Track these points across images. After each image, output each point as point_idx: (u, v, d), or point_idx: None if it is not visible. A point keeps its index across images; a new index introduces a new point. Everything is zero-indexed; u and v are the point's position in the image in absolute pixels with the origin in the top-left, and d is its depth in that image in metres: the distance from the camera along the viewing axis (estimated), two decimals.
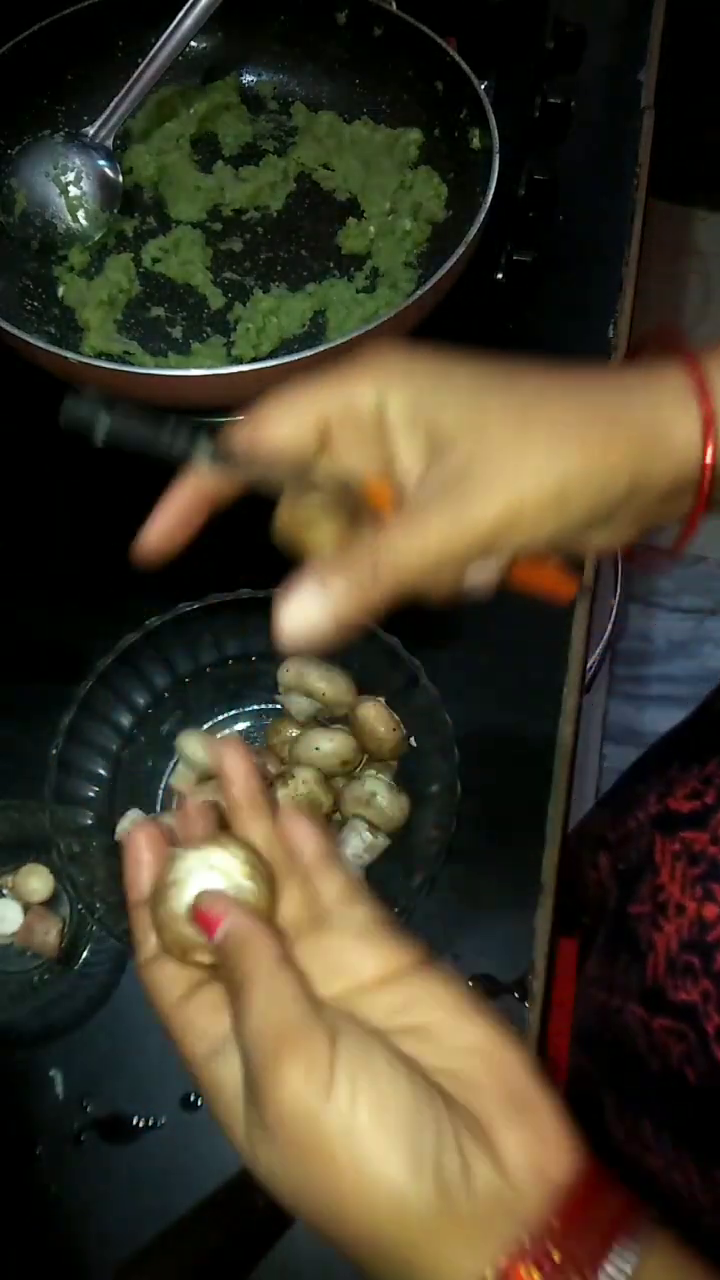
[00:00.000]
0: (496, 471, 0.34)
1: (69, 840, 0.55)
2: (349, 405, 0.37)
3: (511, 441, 0.35)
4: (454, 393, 0.36)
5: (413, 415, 0.36)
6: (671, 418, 0.35)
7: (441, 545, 0.35)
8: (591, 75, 0.92)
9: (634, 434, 0.35)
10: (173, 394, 0.59)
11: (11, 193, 0.69)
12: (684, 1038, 0.50)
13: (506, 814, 0.63)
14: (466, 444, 0.35)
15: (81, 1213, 0.54)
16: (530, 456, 0.35)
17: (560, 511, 0.35)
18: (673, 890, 0.53)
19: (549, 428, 0.35)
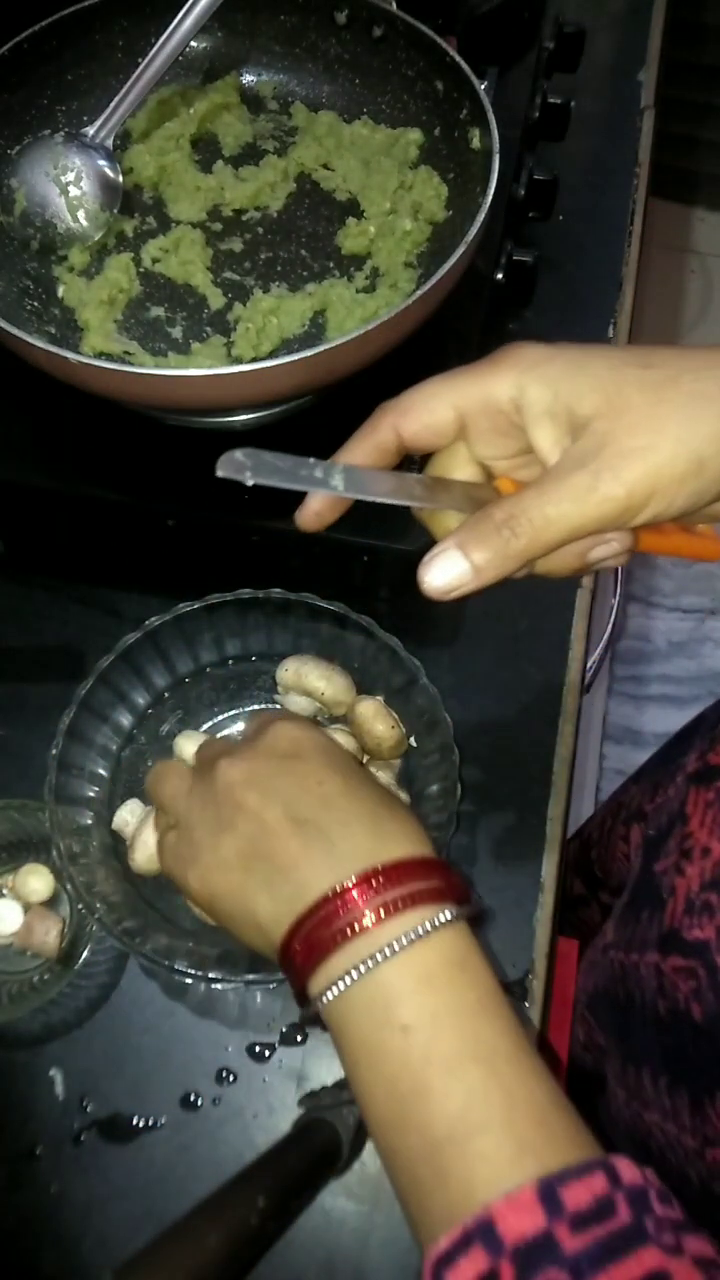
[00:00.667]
0: (633, 443, 0.36)
1: (69, 840, 0.55)
2: (487, 397, 0.38)
3: (648, 415, 0.36)
4: (591, 379, 0.37)
5: (551, 404, 0.38)
6: None
7: (577, 513, 0.36)
8: (591, 75, 0.92)
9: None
10: (173, 394, 0.59)
11: (11, 193, 0.69)
12: (694, 974, 0.51)
13: (506, 814, 0.63)
14: (604, 423, 0.36)
15: (81, 1213, 0.54)
16: (667, 428, 0.36)
17: (697, 478, 0.36)
18: (700, 835, 0.54)
19: (685, 400, 0.36)
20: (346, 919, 0.40)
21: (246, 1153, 0.54)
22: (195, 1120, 0.56)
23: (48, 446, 0.69)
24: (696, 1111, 0.49)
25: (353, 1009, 0.40)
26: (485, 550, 0.37)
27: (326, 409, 0.67)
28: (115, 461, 0.68)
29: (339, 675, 0.60)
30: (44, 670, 0.68)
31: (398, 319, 0.57)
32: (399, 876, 0.41)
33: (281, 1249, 0.52)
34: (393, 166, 0.73)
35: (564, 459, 0.37)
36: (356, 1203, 0.54)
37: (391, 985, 0.39)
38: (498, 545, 0.37)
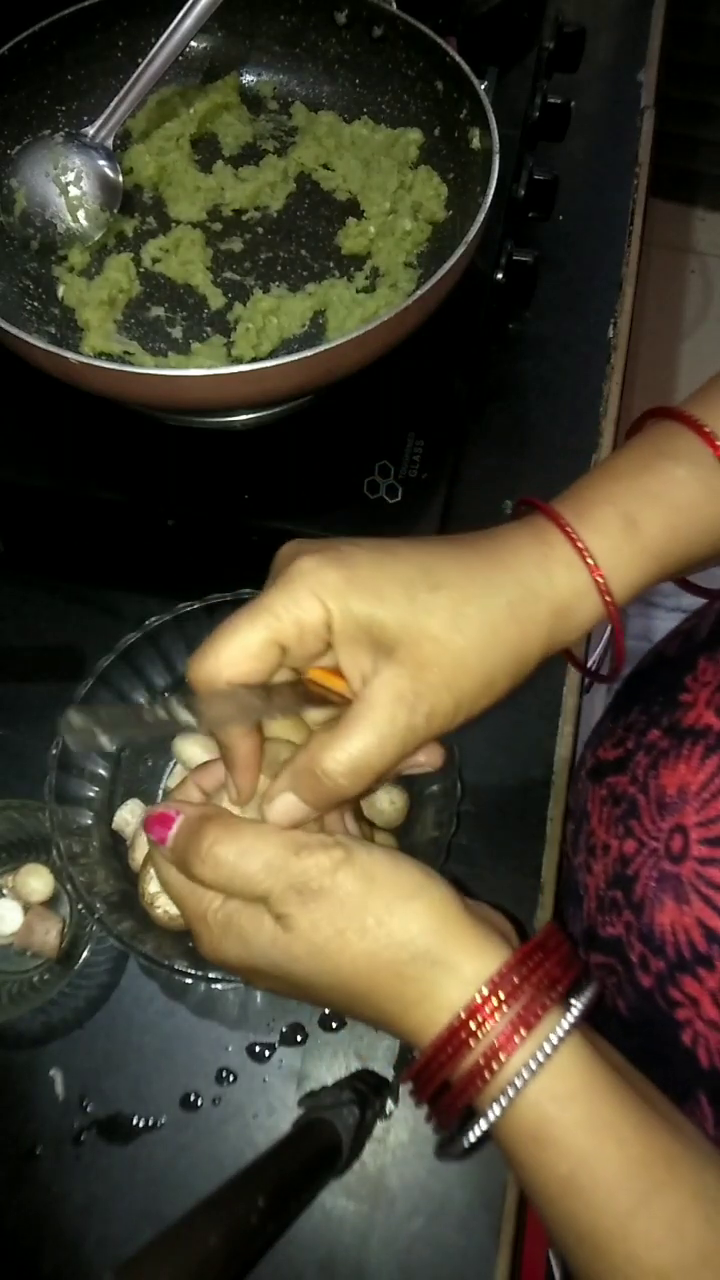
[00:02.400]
0: (438, 676, 0.39)
1: (69, 840, 0.55)
2: (301, 627, 0.40)
3: (447, 650, 0.39)
4: (390, 605, 0.39)
5: (354, 629, 0.39)
6: (570, 602, 0.40)
7: (386, 753, 0.39)
8: (591, 75, 0.92)
9: (545, 623, 0.40)
10: (173, 394, 0.59)
11: (11, 193, 0.69)
12: (613, 970, 0.51)
13: (506, 814, 0.63)
14: (407, 652, 0.39)
15: (81, 1213, 0.54)
16: (465, 660, 0.39)
17: (488, 696, 0.40)
18: (600, 833, 0.54)
19: (477, 631, 0.39)
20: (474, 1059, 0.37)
21: (246, 1153, 0.54)
22: (195, 1120, 0.56)
23: (48, 446, 0.69)
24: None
25: (509, 1142, 0.38)
26: (314, 795, 0.40)
27: (326, 409, 0.67)
28: (115, 461, 0.68)
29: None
30: (44, 670, 0.68)
31: (398, 319, 0.57)
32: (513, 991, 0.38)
33: (281, 1249, 0.52)
34: (393, 166, 0.73)
35: (372, 696, 0.39)
36: (356, 1203, 0.54)
37: (544, 1118, 0.37)
38: (324, 792, 0.40)
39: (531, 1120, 0.37)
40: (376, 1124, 0.55)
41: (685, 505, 0.41)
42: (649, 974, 0.48)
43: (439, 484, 0.66)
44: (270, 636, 0.39)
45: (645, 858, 0.49)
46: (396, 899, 0.39)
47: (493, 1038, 0.37)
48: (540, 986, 0.38)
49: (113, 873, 0.57)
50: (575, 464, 0.73)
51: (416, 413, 0.69)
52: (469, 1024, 0.37)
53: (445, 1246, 0.53)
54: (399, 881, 0.39)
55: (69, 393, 0.60)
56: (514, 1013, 0.37)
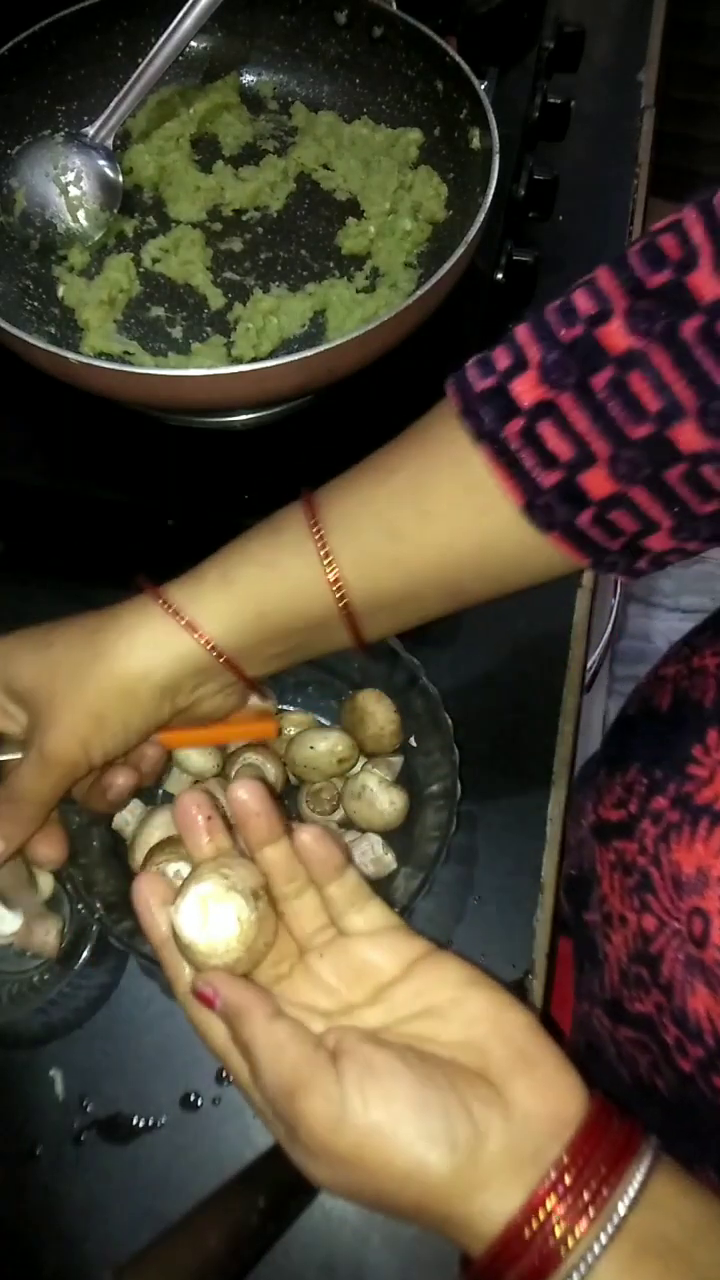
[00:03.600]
0: (50, 717, 0.45)
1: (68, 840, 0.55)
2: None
3: (51, 693, 0.46)
4: (15, 665, 0.47)
5: (3, 694, 0.48)
6: (162, 638, 0.46)
7: (42, 778, 0.46)
8: (591, 75, 0.92)
9: (135, 656, 0.46)
10: (173, 394, 0.59)
11: (11, 193, 0.69)
12: (647, 1049, 0.50)
13: (506, 813, 0.63)
14: (30, 702, 0.47)
15: (81, 1213, 0.54)
16: (65, 700, 0.45)
17: (105, 727, 0.46)
18: (614, 901, 0.54)
19: (70, 674, 0.46)
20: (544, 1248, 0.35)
21: (246, 1153, 0.54)
22: (195, 1120, 0.55)
23: (48, 446, 0.69)
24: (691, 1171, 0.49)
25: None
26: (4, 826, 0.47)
27: (326, 409, 0.67)
28: (115, 461, 0.68)
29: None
30: None
31: (398, 319, 0.57)
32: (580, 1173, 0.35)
33: (281, 1249, 0.52)
34: (393, 166, 0.73)
35: (27, 737, 0.47)
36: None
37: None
38: (6, 826, 0.47)
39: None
40: None
41: (274, 565, 0.47)
42: (688, 1059, 0.47)
43: None
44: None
45: (668, 938, 0.49)
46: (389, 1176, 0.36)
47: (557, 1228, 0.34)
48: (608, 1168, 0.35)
49: (113, 873, 0.57)
50: None
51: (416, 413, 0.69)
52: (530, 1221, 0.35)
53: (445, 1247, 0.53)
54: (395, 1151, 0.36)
55: (69, 393, 0.60)
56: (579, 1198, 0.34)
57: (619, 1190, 0.34)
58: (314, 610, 0.46)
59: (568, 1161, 0.35)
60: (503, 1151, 0.35)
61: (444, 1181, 0.35)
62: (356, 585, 0.45)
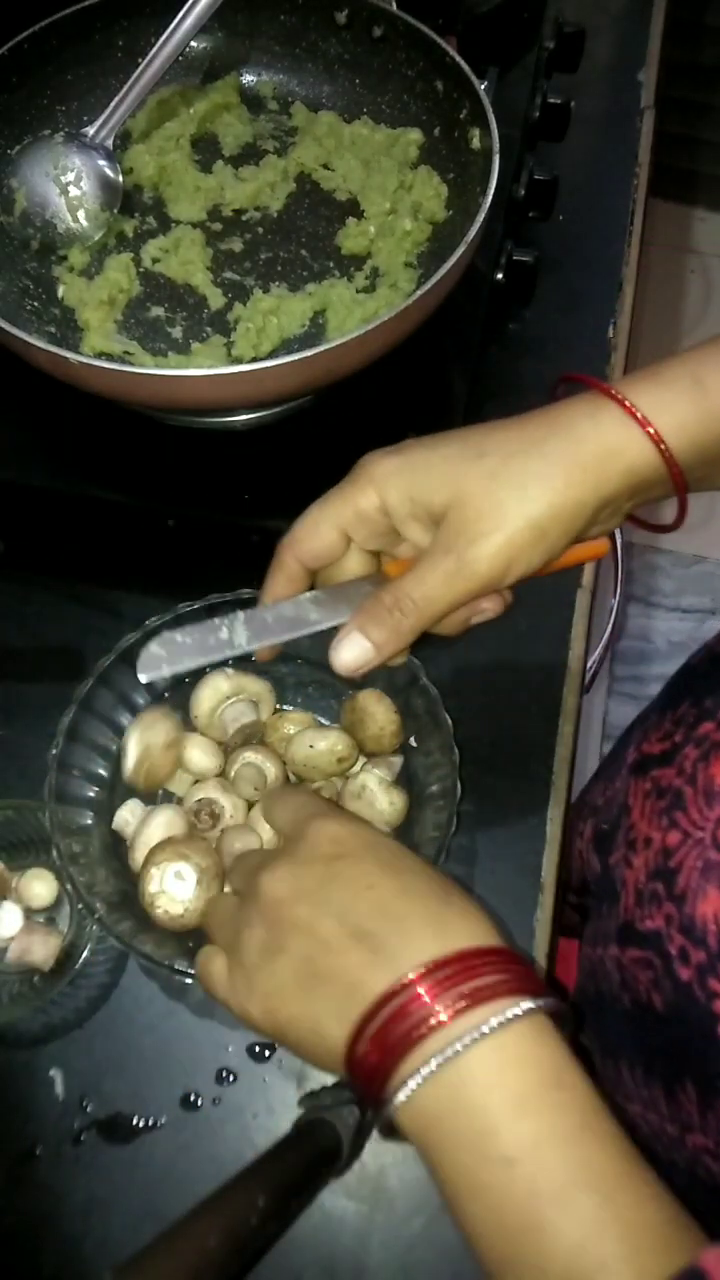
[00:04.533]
0: (481, 527, 0.43)
1: (69, 840, 0.55)
2: (358, 512, 0.46)
3: (488, 501, 0.43)
4: (437, 479, 0.45)
5: (410, 508, 0.45)
6: (620, 446, 0.43)
7: (448, 590, 0.44)
8: (591, 75, 0.92)
9: (588, 465, 0.43)
10: (173, 394, 0.59)
11: (11, 193, 0.69)
12: (650, 965, 0.51)
13: (506, 814, 0.63)
14: (455, 513, 0.44)
15: (81, 1213, 0.54)
16: (507, 509, 0.43)
17: (542, 542, 0.44)
18: (641, 826, 0.54)
19: (517, 481, 0.43)
20: (418, 1016, 0.37)
21: (246, 1153, 0.54)
22: (195, 1120, 0.56)
23: (48, 446, 0.69)
24: (671, 1099, 0.49)
25: (445, 1136, 0.37)
26: (381, 630, 0.46)
27: (326, 409, 0.67)
28: (115, 461, 0.68)
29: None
30: (44, 670, 0.68)
31: (398, 319, 0.57)
32: (467, 968, 0.38)
33: (281, 1249, 0.52)
34: (393, 166, 0.73)
35: (432, 547, 0.45)
36: (356, 1203, 0.54)
37: (485, 1111, 0.37)
38: (391, 625, 0.45)
39: (550, 1064, 0.38)
40: None
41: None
42: (688, 966, 0.47)
43: None
44: (335, 523, 0.47)
45: (690, 848, 0.49)
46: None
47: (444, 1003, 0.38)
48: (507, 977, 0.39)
49: (113, 873, 0.57)
50: None
51: (416, 413, 0.69)
52: (423, 981, 0.38)
53: (445, 1247, 0.53)
54: None
55: (69, 393, 0.60)
56: (470, 988, 0.38)
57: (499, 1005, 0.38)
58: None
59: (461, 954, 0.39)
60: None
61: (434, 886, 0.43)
62: None
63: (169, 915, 0.54)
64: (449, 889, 0.43)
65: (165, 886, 0.54)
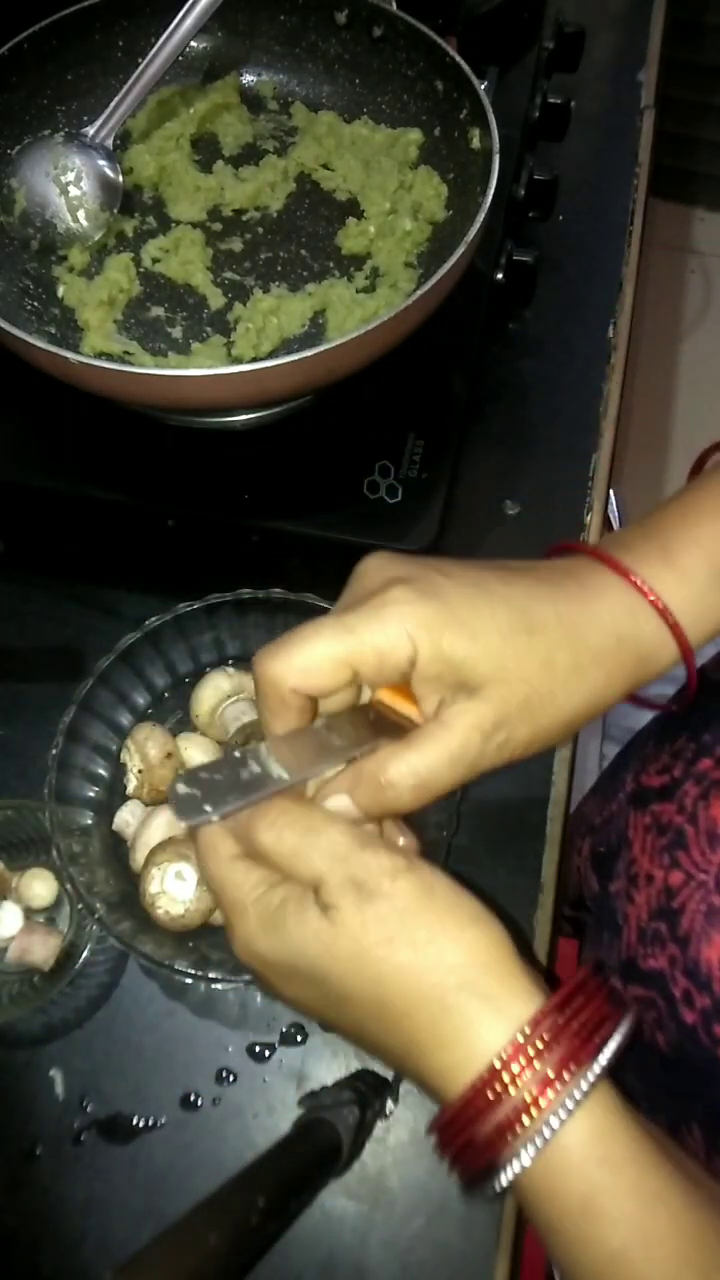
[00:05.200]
0: (522, 720, 0.39)
1: (68, 840, 0.55)
2: (380, 655, 0.39)
3: (535, 694, 0.39)
4: (483, 650, 0.38)
5: (440, 670, 0.39)
6: (655, 650, 0.41)
7: (455, 777, 0.39)
8: (591, 75, 0.92)
9: (629, 670, 0.40)
10: (173, 394, 0.59)
11: (11, 193, 0.69)
12: (653, 1005, 0.51)
13: (506, 814, 0.63)
14: (495, 691, 0.38)
15: (81, 1213, 0.54)
16: (554, 704, 0.39)
17: (565, 732, 0.40)
18: (643, 862, 0.53)
19: (565, 681, 0.39)
20: (499, 1115, 0.35)
21: (246, 1153, 0.54)
22: (195, 1120, 0.55)
23: (48, 446, 0.69)
24: (675, 1138, 0.49)
25: (549, 1217, 0.36)
26: (371, 802, 0.39)
27: (326, 409, 0.67)
28: (115, 461, 0.68)
29: None
30: (44, 670, 0.68)
31: (398, 319, 0.57)
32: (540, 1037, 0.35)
33: (281, 1249, 0.52)
34: (393, 166, 0.73)
35: (451, 720, 0.38)
36: (356, 1203, 0.54)
37: (583, 1194, 0.35)
38: (382, 801, 0.39)
39: (580, 1189, 0.34)
40: (376, 1124, 0.55)
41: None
42: (692, 1010, 0.47)
43: (439, 484, 0.66)
44: (347, 658, 0.39)
45: (693, 890, 0.49)
46: (453, 921, 0.37)
47: (529, 1089, 0.34)
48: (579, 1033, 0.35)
49: (113, 873, 0.57)
50: (575, 464, 0.72)
51: (416, 413, 0.69)
52: (503, 1074, 0.35)
53: (445, 1247, 0.53)
54: (458, 904, 0.37)
55: (69, 393, 0.60)
56: (552, 1061, 0.35)
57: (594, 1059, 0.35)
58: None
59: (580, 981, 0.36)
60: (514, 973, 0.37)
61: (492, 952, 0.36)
62: None
63: (170, 915, 0.54)
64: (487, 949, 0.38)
65: (166, 887, 0.54)
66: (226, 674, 0.61)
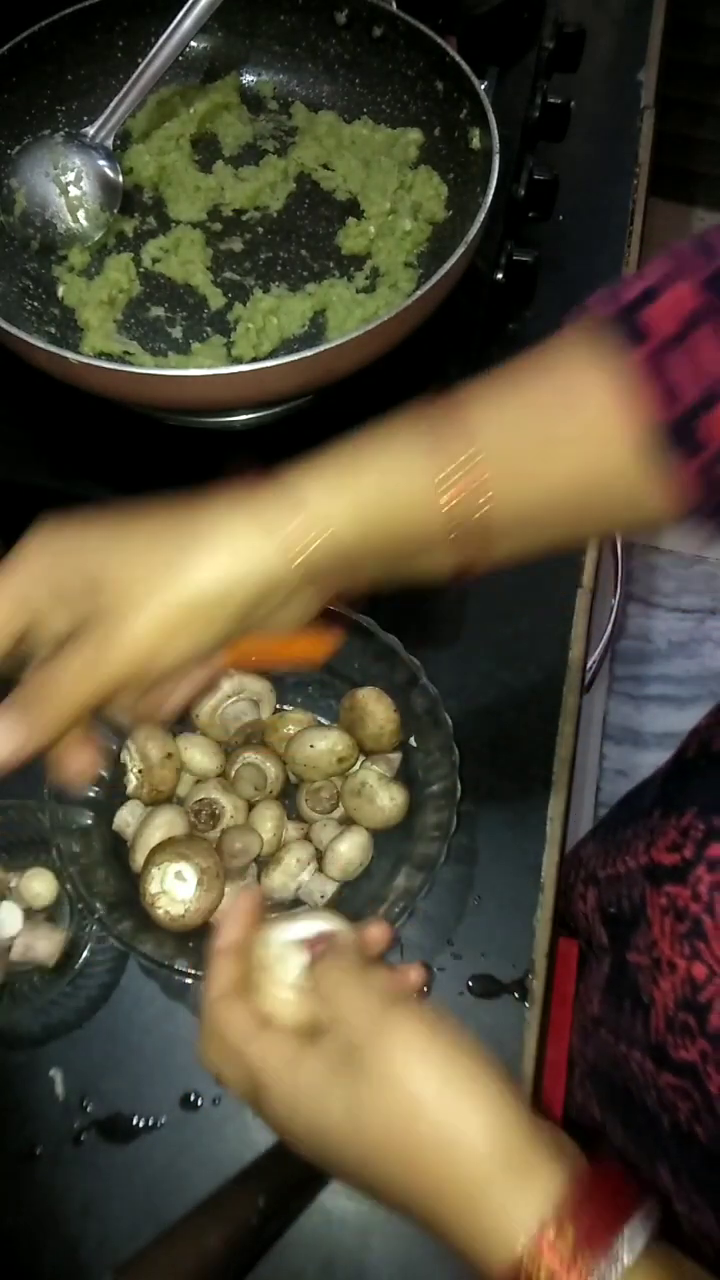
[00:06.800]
0: (132, 614, 0.39)
1: (68, 840, 0.55)
2: (20, 596, 0.41)
3: (146, 590, 0.40)
4: (103, 550, 0.41)
5: (50, 595, 0.41)
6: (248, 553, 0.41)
7: (88, 680, 0.40)
8: (591, 75, 0.92)
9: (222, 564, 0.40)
10: (173, 394, 0.59)
11: (11, 193, 0.69)
12: (689, 1096, 0.50)
13: (506, 813, 0.63)
14: (113, 593, 0.40)
15: (81, 1213, 0.54)
16: (153, 585, 0.40)
17: (180, 637, 0.40)
18: (664, 946, 0.53)
19: (173, 552, 0.40)
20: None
21: (246, 1153, 0.54)
22: (195, 1120, 0.55)
23: (48, 446, 0.69)
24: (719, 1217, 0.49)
25: None
26: (22, 724, 0.40)
27: (326, 409, 0.67)
28: (115, 461, 0.68)
29: None
30: None
31: (398, 319, 0.57)
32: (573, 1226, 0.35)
33: (281, 1249, 0.52)
34: (393, 166, 0.73)
35: (76, 633, 0.40)
36: (356, 1203, 0.54)
37: None
38: (31, 717, 0.40)
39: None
40: None
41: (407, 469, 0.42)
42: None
43: None
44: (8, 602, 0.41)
45: (718, 988, 0.49)
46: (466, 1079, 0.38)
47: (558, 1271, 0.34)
48: (606, 1221, 0.35)
49: (113, 873, 0.57)
50: None
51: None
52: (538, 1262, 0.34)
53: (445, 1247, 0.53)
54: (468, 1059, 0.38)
55: (69, 393, 0.60)
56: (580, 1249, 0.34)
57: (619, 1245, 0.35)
58: (433, 523, 0.42)
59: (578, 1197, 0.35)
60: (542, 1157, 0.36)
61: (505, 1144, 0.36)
62: (500, 494, 0.41)
63: (170, 916, 0.54)
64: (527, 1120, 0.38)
65: (166, 887, 0.54)
66: (227, 674, 0.61)
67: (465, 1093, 0.37)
